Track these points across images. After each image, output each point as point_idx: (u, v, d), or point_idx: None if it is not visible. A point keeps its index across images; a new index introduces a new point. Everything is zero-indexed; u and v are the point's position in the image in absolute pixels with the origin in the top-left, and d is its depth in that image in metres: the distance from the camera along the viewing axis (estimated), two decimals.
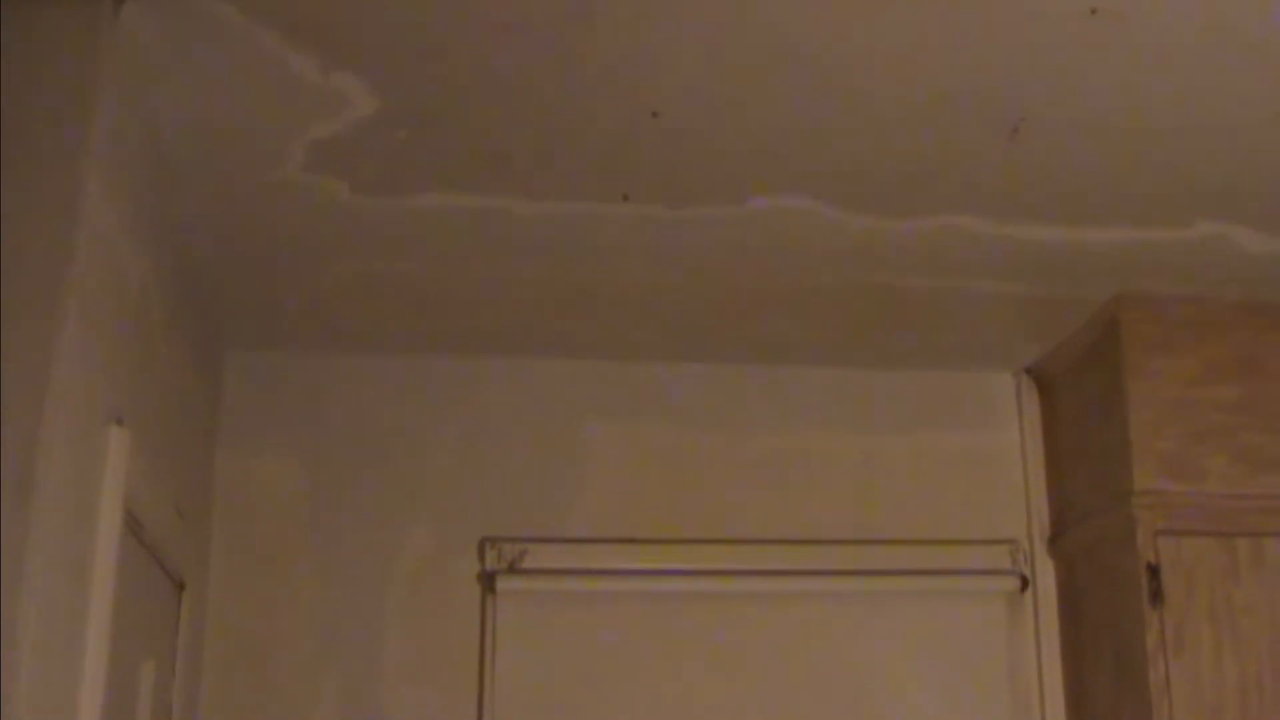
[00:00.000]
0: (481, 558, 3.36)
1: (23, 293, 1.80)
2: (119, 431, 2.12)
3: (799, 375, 3.60)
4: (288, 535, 3.33)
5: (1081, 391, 3.39)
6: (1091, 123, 2.39)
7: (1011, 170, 2.56)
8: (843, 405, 3.60)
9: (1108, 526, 3.20)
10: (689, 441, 3.53)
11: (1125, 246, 2.89)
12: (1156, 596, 3.01)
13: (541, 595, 3.35)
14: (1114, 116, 2.37)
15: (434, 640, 3.32)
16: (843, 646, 3.43)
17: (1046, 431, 3.59)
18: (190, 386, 2.94)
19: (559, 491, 3.45)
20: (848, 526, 3.50)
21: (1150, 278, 3.07)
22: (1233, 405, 3.15)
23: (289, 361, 3.44)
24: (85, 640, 2.03)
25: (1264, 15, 2.08)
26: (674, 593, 3.40)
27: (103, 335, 2.05)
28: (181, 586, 2.88)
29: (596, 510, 3.44)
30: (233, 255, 2.88)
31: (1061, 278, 3.06)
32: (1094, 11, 2.04)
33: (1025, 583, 3.50)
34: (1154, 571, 3.03)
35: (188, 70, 2.17)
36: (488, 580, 3.33)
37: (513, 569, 3.34)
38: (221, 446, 3.34)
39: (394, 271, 2.97)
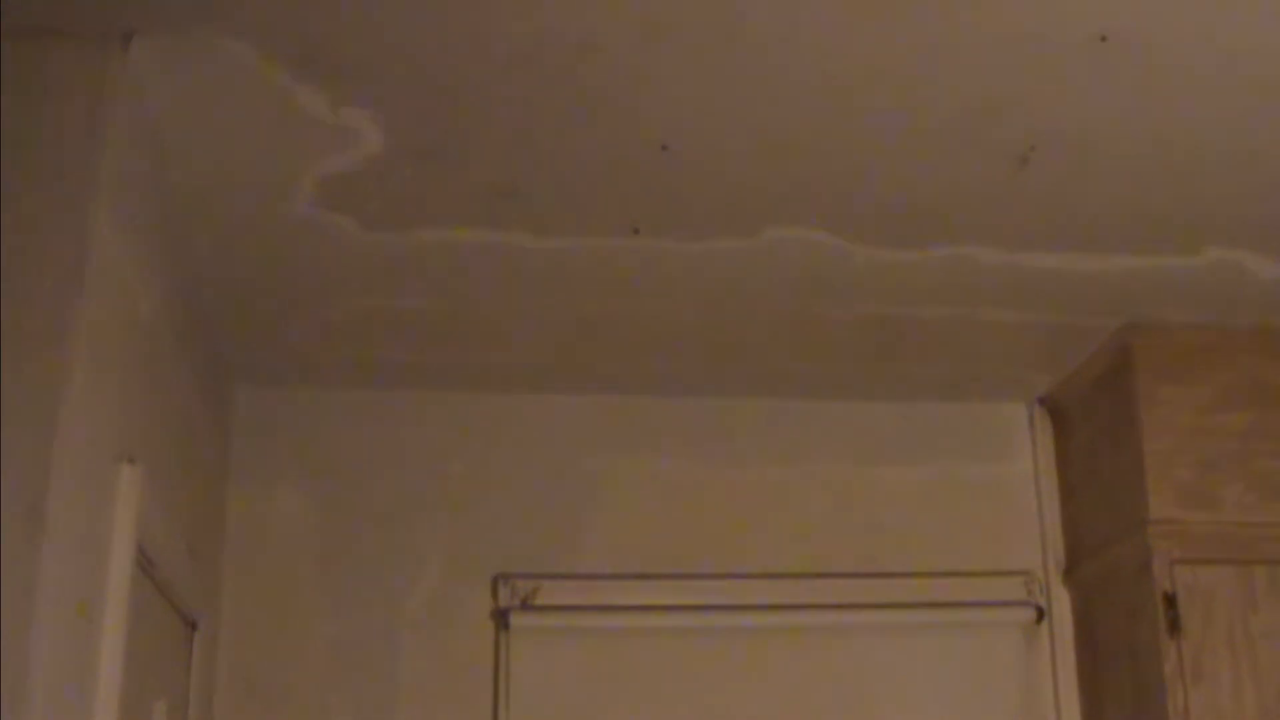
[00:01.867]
0: (495, 594, 3.34)
1: (33, 328, 1.80)
2: (130, 469, 2.11)
3: (811, 409, 3.59)
4: (299, 572, 3.32)
5: (1094, 421, 3.38)
6: (1101, 151, 2.39)
7: (1022, 199, 2.55)
8: (855, 438, 3.59)
9: (1124, 556, 3.18)
10: (701, 476, 3.52)
11: (1136, 274, 2.89)
12: (1174, 626, 2.99)
13: (555, 631, 3.34)
14: (1124, 144, 2.37)
15: (448, 677, 3.30)
16: (857, 680, 3.41)
17: (1060, 461, 3.57)
18: (200, 422, 2.93)
19: (571, 527, 3.44)
20: (861, 560, 3.49)
21: (1162, 305, 3.06)
22: (1246, 432, 3.13)
23: (299, 397, 3.44)
24: (97, 679, 2.02)
25: (1274, 42, 2.07)
26: (687, 627, 3.39)
27: (113, 371, 2.05)
28: (193, 625, 2.87)
29: (609, 545, 3.44)
30: (242, 290, 2.88)
31: (1073, 306, 3.05)
32: (1104, 39, 2.04)
33: (1041, 614, 3.48)
34: (1171, 600, 3.01)
35: (196, 106, 2.17)
36: (501, 617, 3.32)
37: (526, 605, 3.33)
38: (232, 483, 3.34)
39: (404, 306, 2.96)
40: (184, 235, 2.54)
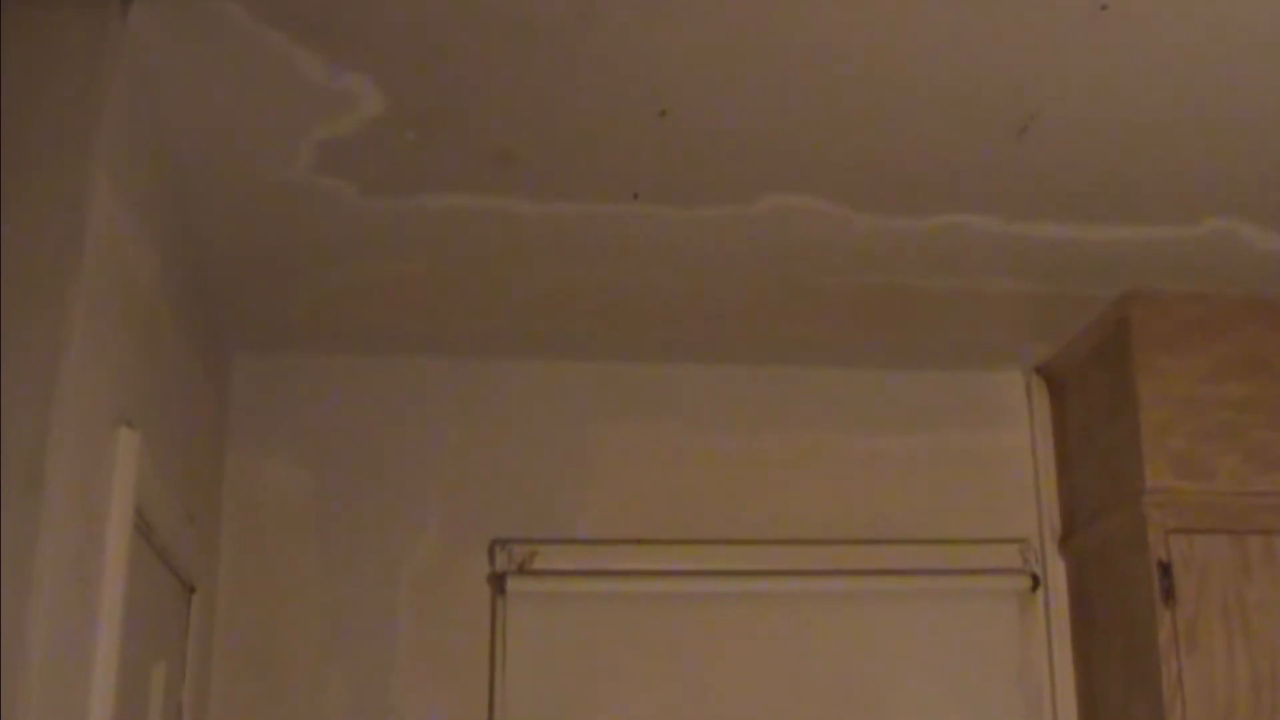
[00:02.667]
0: (492, 559, 3.35)
1: (31, 293, 1.80)
2: (128, 433, 2.12)
3: (808, 375, 3.59)
4: (297, 538, 3.33)
5: (1091, 390, 3.38)
6: (1100, 120, 2.39)
7: (1020, 168, 2.55)
8: (852, 405, 3.60)
9: (1119, 525, 3.19)
10: (698, 442, 3.53)
11: (1134, 244, 2.89)
12: (1168, 595, 3.01)
13: (552, 596, 3.35)
14: (1123, 114, 2.36)
15: (444, 642, 3.31)
16: (853, 646, 3.42)
17: (1056, 430, 3.58)
18: (199, 388, 2.94)
19: (568, 493, 3.45)
20: (857, 527, 3.50)
21: (1159, 275, 3.06)
22: (1242, 403, 3.14)
23: (297, 363, 3.44)
24: (95, 643, 2.03)
25: (1273, 12, 2.07)
26: (684, 594, 3.40)
27: (111, 336, 2.05)
28: (191, 589, 2.88)
29: (606, 511, 3.44)
30: (241, 256, 2.87)
31: (1070, 276, 3.05)
32: (1104, 8, 2.04)
33: (1036, 582, 3.49)
34: (1165, 569, 3.02)
35: (195, 71, 2.17)
36: (498, 582, 3.33)
37: (523, 570, 3.34)
38: (230, 449, 3.34)
39: (402, 273, 2.96)
40: (182, 201, 2.54)
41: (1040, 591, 3.49)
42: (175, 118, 2.29)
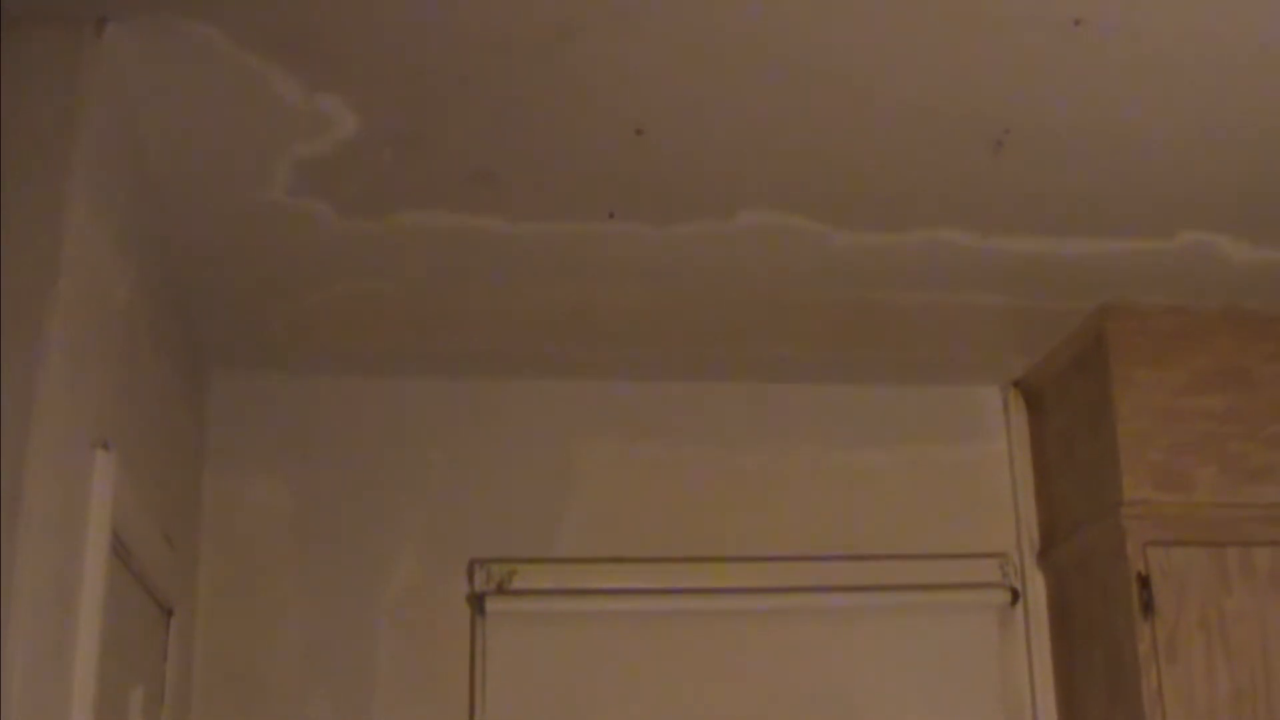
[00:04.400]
0: (470, 579, 3.34)
1: (7, 314, 1.79)
2: (105, 455, 2.10)
3: (786, 392, 3.59)
4: (276, 558, 3.32)
5: (1069, 403, 3.39)
6: (1075, 134, 2.40)
7: (996, 183, 2.56)
8: (830, 421, 3.60)
9: (1097, 537, 3.20)
10: (677, 459, 3.52)
11: (1110, 257, 2.90)
12: (1147, 607, 3.01)
13: (531, 616, 3.34)
14: (1098, 128, 2.37)
15: (424, 662, 3.30)
16: (833, 662, 3.42)
17: (1035, 444, 3.59)
18: (177, 409, 2.92)
19: (548, 511, 3.44)
20: (837, 542, 3.50)
21: (1136, 288, 3.08)
22: (1220, 415, 3.15)
23: (275, 383, 3.43)
24: (73, 667, 2.01)
25: (1247, 27, 2.08)
26: (664, 611, 3.39)
27: (89, 357, 2.04)
28: (169, 612, 2.86)
29: (586, 530, 3.44)
30: (219, 276, 2.87)
31: (1047, 289, 3.06)
32: (1077, 23, 2.05)
33: (1016, 595, 3.50)
34: (1144, 582, 3.03)
35: (172, 91, 2.17)
36: (477, 601, 3.32)
37: (502, 590, 3.33)
38: (208, 469, 3.33)
39: (380, 292, 2.96)
40: (160, 220, 2.53)
41: (1020, 605, 3.49)
42: (152, 138, 2.29)
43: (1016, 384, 3.63)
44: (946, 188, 2.58)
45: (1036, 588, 3.51)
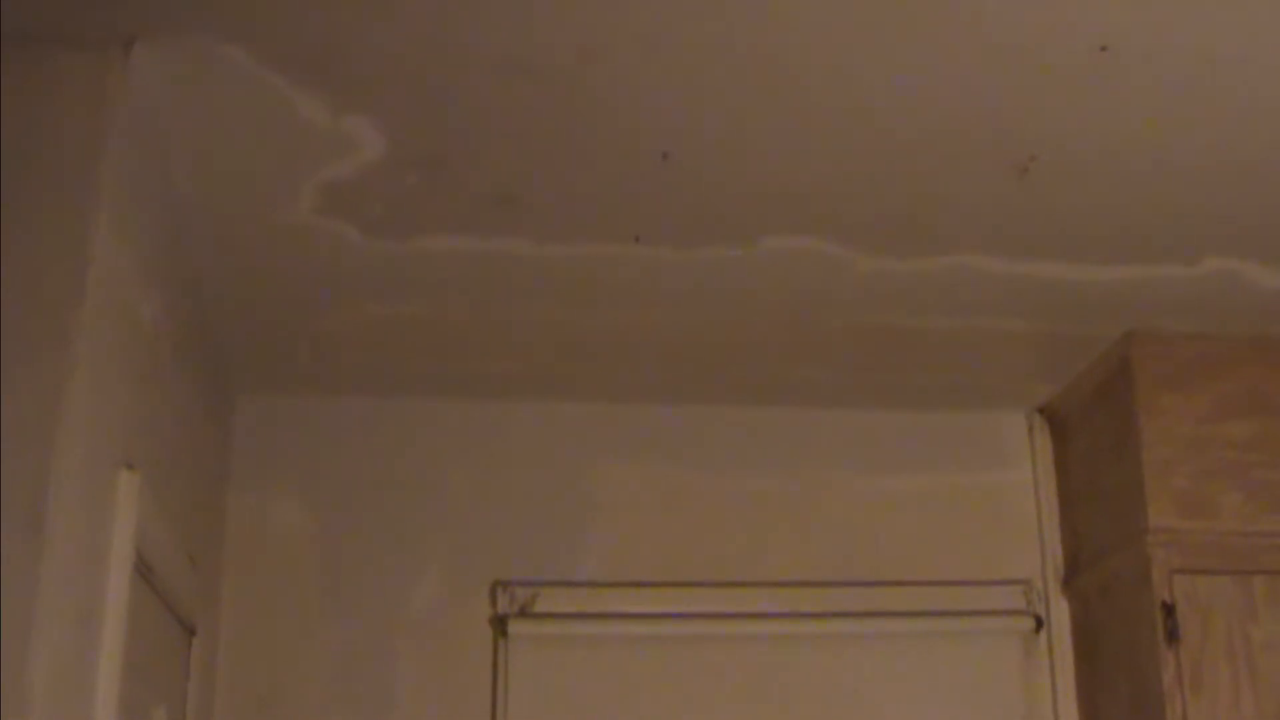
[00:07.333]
0: (493, 602, 3.34)
1: (33, 335, 1.80)
2: (130, 475, 2.11)
3: (811, 417, 3.59)
4: (299, 580, 3.32)
5: (1093, 430, 3.38)
6: (1101, 160, 2.39)
7: (1021, 209, 2.55)
8: (855, 447, 3.59)
9: (1122, 565, 3.18)
10: (701, 484, 3.52)
11: (1135, 284, 2.89)
12: (1173, 635, 2.99)
13: (553, 639, 3.33)
14: (1124, 154, 2.37)
15: (446, 685, 3.30)
16: (856, 689, 3.41)
17: (1059, 470, 3.57)
18: (201, 429, 2.93)
19: (570, 535, 3.44)
20: (861, 568, 3.49)
21: (1161, 315, 3.07)
22: (1245, 442, 3.13)
23: (300, 405, 3.43)
24: (96, 686, 2.02)
25: (1273, 53, 2.08)
26: (686, 636, 3.38)
27: (114, 378, 2.05)
28: (192, 632, 2.86)
29: (608, 553, 3.43)
30: (243, 298, 2.88)
31: (1072, 316, 3.05)
32: (1104, 49, 2.04)
33: (1040, 623, 3.48)
34: (1169, 610, 3.01)
35: (198, 113, 2.18)
36: (500, 624, 3.32)
37: (524, 613, 3.33)
38: (232, 490, 3.33)
39: (404, 314, 2.97)
40: (185, 242, 2.54)
41: (1044, 632, 3.48)
42: (177, 160, 2.30)
43: (1041, 410, 3.62)
44: (972, 213, 2.58)
45: (1061, 615, 3.49)
